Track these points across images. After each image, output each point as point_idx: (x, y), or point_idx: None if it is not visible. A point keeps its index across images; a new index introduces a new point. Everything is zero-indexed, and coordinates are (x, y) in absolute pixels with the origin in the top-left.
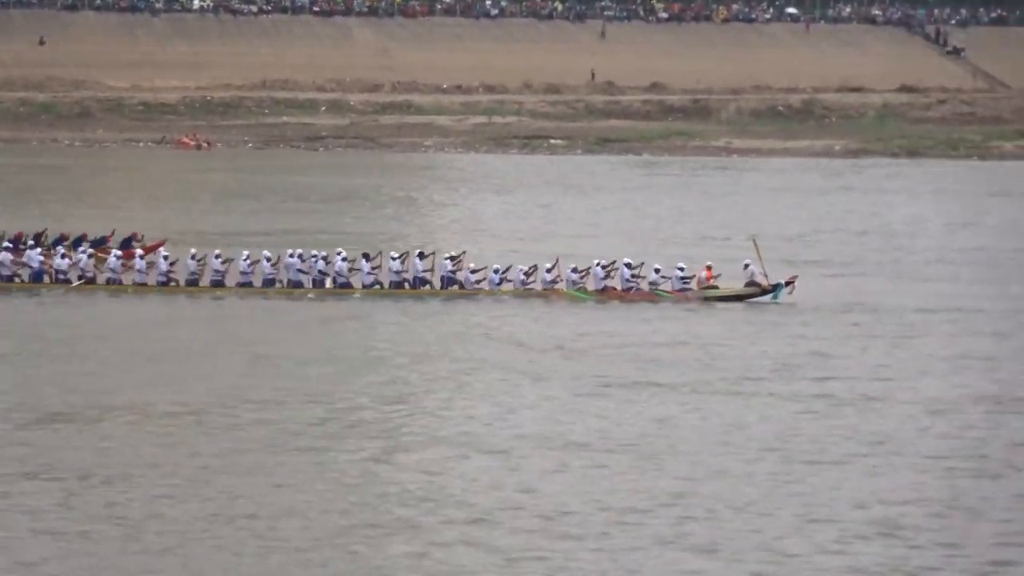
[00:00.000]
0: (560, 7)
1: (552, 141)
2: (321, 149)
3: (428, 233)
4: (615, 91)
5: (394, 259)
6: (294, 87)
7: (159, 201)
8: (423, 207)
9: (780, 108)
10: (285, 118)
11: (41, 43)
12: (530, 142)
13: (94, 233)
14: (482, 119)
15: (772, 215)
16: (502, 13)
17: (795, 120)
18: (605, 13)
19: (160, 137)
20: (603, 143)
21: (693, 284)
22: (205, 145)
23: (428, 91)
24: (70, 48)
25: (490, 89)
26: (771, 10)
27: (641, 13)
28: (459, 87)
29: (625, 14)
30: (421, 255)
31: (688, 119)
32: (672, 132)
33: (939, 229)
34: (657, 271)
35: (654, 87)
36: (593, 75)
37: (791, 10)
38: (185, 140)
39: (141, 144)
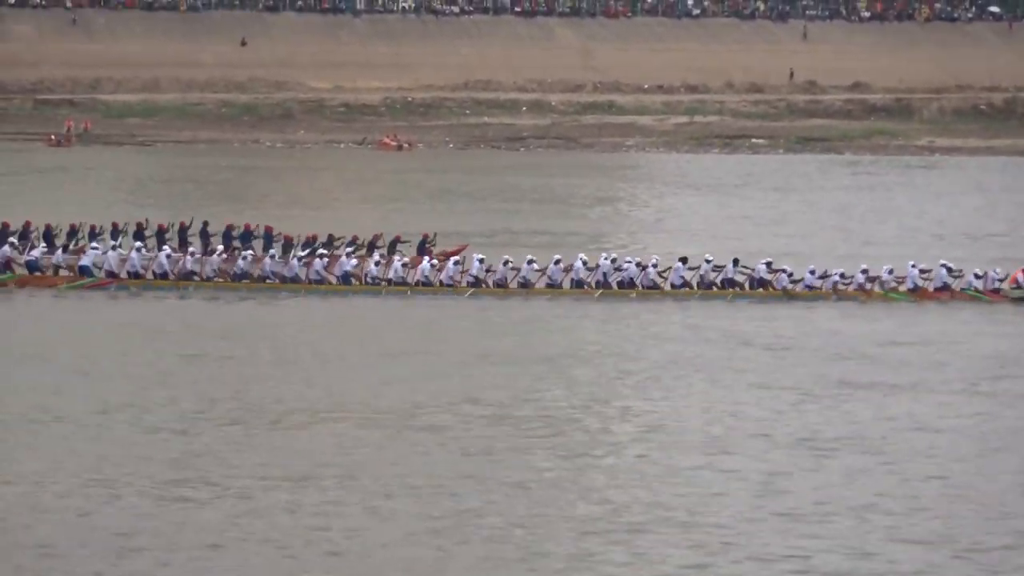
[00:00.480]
0: (762, 6)
1: (754, 140)
2: (522, 149)
3: (654, 234)
4: (817, 90)
5: (708, 262)
6: (496, 87)
7: (373, 202)
8: (640, 208)
9: (982, 107)
10: (486, 118)
11: (243, 44)
12: (731, 142)
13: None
14: (684, 119)
15: (992, 215)
16: (704, 13)
17: (997, 119)
18: (807, 12)
19: (361, 138)
20: (805, 142)
21: (1005, 285)
22: (406, 146)
23: (629, 91)
24: (272, 49)
25: (692, 89)
26: (973, 8)
27: (843, 12)
28: (661, 87)
29: (827, 13)
30: (735, 261)
31: (890, 118)
32: (874, 131)
33: None
34: (978, 276)
35: (856, 86)
36: (792, 74)
37: (993, 8)
38: (386, 141)
39: (342, 145)
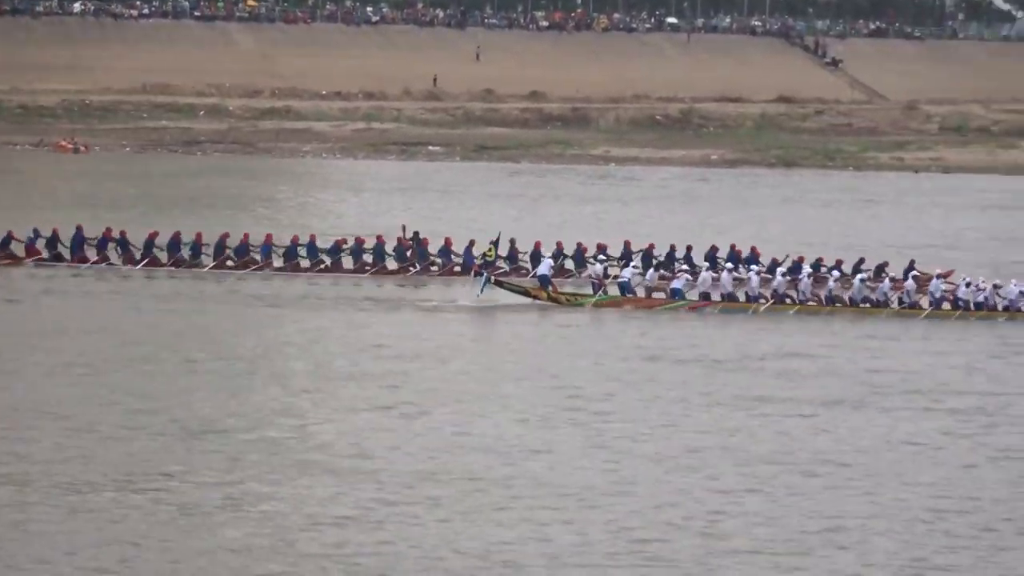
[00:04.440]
0: (441, 14)
1: (430, 148)
2: (199, 153)
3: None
4: (494, 99)
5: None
6: (174, 91)
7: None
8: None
9: (658, 117)
10: (164, 122)
11: None
12: (408, 149)
13: None
14: (361, 125)
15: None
16: (383, 19)
17: (673, 129)
18: (486, 21)
19: (38, 140)
20: (481, 151)
21: None
22: (82, 148)
23: (308, 97)
24: None
25: (370, 96)
26: (652, 20)
27: (522, 21)
28: (339, 93)
29: (506, 22)
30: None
31: (567, 128)
32: (550, 140)
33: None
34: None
35: (533, 95)
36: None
37: (672, 20)
38: (63, 143)
39: (18, 147)
